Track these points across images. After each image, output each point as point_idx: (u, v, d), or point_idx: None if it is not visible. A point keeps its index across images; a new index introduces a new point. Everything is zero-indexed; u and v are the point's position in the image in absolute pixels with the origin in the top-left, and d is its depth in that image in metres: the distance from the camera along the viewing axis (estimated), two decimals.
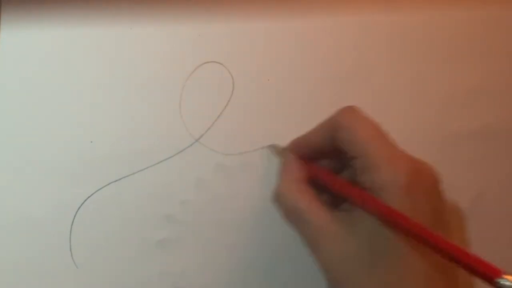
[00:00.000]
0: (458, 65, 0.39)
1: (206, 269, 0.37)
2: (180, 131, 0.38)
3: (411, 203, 0.27)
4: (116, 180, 0.37)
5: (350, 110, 0.31)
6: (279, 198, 0.31)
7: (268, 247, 0.38)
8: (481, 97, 0.39)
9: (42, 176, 0.36)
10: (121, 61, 0.38)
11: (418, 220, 0.26)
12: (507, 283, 0.22)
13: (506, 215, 0.39)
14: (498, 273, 0.22)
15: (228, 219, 0.38)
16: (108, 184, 0.37)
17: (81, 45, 0.37)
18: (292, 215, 0.30)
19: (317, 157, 0.32)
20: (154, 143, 0.37)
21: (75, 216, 0.36)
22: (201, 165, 0.37)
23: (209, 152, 0.38)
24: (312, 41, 0.39)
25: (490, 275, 0.23)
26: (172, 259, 0.37)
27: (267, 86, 0.38)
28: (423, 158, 0.38)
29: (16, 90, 0.37)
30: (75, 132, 0.37)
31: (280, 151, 0.34)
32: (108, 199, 0.37)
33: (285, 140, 0.38)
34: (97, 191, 0.37)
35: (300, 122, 0.38)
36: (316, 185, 0.31)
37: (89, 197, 0.37)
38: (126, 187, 0.37)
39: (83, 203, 0.36)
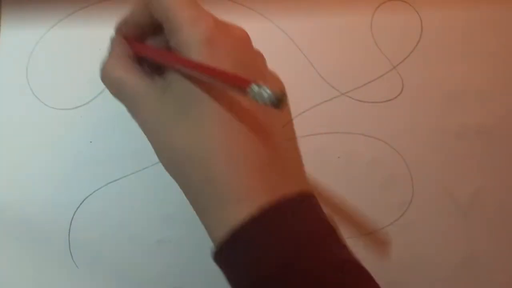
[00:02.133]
0: (458, 65, 0.40)
1: (205, 269, 0.37)
2: None
3: (211, 55, 0.29)
4: (115, 180, 0.37)
5: None
6: (103, 76, 0.32)
7: None
8: (480, 96, 0.39)
9: (42, 177, 0.36)
10: None
11: (222, 65, 0.28)
12: (255, 89, 0.24)
13: (504, 212, 0.39)
14: (248, 83, 0.25)
15: None
16: (107, 184, 0.37)
17: (80, 45, 0.38)
18: (115, 89, 0.32)
19: (147, 35, 0.33)
20: None
21: (73, 216, 0.36)
22: None
23: None
24: (312, 40, 0.39)
25: (242, 86, 0.25)
26: (172, 259, 0.37)
27: None
28: (422, 155, 0.39)
29: (17, 90, 0.37)
30: (74, 132, 0.37)
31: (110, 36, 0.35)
32: (107, 199, 0.37)
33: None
34: (96, 191, 0.37)
35: (299, 123, 0.38)
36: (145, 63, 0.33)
37: (88, 197, 0.37)
38: (125, 187, 0.37)
39: (82, 202, 0.36)
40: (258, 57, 0.34)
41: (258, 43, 0.39)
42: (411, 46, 0.39)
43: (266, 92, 0.24)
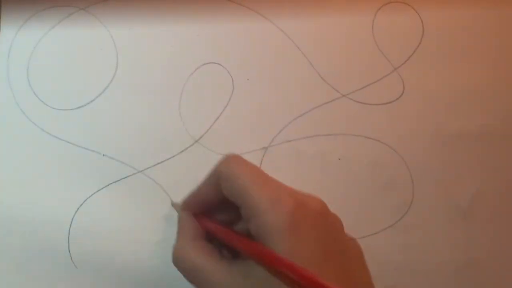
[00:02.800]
0: (459, 67, 0.40)
1: None
2: (180, 132, 0.38)
3: (296, 242, 0.27)
4: (116, 181, 0.37)
5: (229, 159, 0.30)
6: (177, 261, 0.30)
7: None
8: (480, 98, 0.39)
9: (42, 177, 0.36)
10: (121, 63, 0.38)
11: (306, 256, 0.26)
12: None
13: (505, 214, 0.39)
14: None
15: None
16: (108, 185, 0.37)
17: (81, 45, 0.38)
18: (191, 275, 0.30)
19: (214, 210, 0.32)
20: (154, 144, 0.37)
21: (73, 217, 0.36)
22: (201, 165, 0.37)
23: (209, 152, 0.38)
24: (313, 41, 0.39)
25: None
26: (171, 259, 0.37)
27: (266, 86, 0.39)
28: (423, 157, 0.39)
29: (17, 90, 0.37)
30: (75, 133, 0.37)
31: (177, 209, 0.34)
32: (107, 200, 0.37)
33: (282, 142, 0.38)
34: (96, 192, 0.37)
35: (299, 125, 0.38)
36: (216, 240, 0.31)
37: (88, 198, 0.37)
38: (125, 188, 0.37)
39: (82, 204, 0.36)
40: (336, 224, 0.31)
41: (259, 44, 0.39)
42: (412, 48, 0.39)
43: None
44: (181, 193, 0.37)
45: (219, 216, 0.32)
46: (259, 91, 0.39)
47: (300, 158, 0.38)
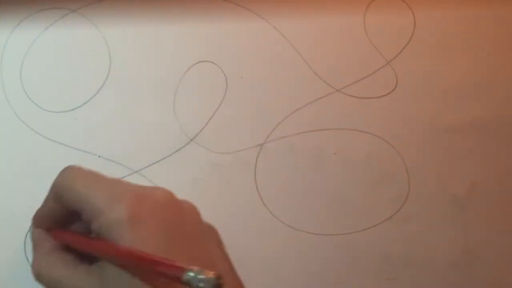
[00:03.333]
0: (451, 59, 0.40)
1: None
2: (175, 131, 0.38)
3: (138, 233, 0.27)
4: None
5: (64, 171, 0.31)
6: (37, 277, 0.31)
7: (263, 245, 0.38)
8: (473, 90, 0.40)
9: (37, 181, 0.36)
10: (114, 64, 0.38)
11: (150, 244, 0.27)
12: (191, 274, 0.23)
13: (501, 206, 0.39)
14: (182, 270, 0.23)
15: (223, 218, 0.38)
16: None
17: (74, 47, 0.38)
18: (53, 287, 0.30)
19: (70, 222, 0.32)
20: (149, 143, 0.37)
21: None
22: (196, 164, 0.38)
23: (204, 151, 0.38)
24: (305, 37, 0.39)
25: (176, 274, 0.24)
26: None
27: (260, 83, 0.39)
28: (418, 150, 0.39)
29: (10, 93, 0.37)
30: (69, 135, 0.37)
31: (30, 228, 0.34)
32: None
33: (278, 138, 0.38)
34: None
35: (294, 120, 0.38)
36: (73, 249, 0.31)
37: None
38: None
39: None
40: (187, 212, 0.31)
41: (252, 42, 0.39)
42: (405, 41, 0.39)
43: (203, 280, 0.23)
44: (178, 192, 0.37)
45: (76, 226, 0.32)
46: (253, 88, 0.39)
47: (295, 154, 0.38)
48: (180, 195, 0.37)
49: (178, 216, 0.30)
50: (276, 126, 0.38)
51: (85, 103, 0.37)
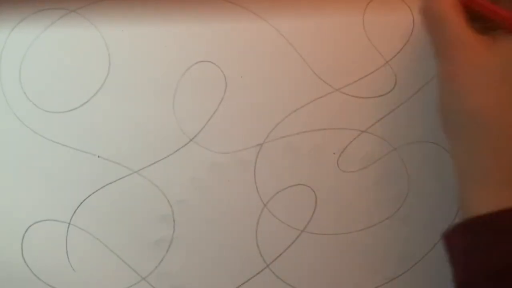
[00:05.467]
0: None
1: (202, 268, 0.37)
2: (175, 131, 0.38)
3: None
4: (111, 182, 0.37)
5: None
6: (427, 4, 0.30)
7: (264, 244, 0.38)
8: None
9: (36, 181, 0.36)
10: (113, 64, 0.38)
11: None
12: None
13: None
14: None
15: (224, 218, 0.38)
16: (104, 187, 0.37)
17: (73, 47, 0.38)
18: (435, 21, 0.29)
19: None
20: (149, 144, 0.37)
21: (71, 218, 0.36)
22: (196, 164, 0.38)
23: (203, 151, 0.38)
24: (304, 36, 0.39)
25: None
26: (169, 258, 0.37)
27: (260, 83, 0.39)
28: (417, 149, 0.39)
29: (10, 93, 0.37)
30: (69, 135, 0.37)
31: None
32: (103, 201, 0.37)
33: (277, 138, 0.38)
34: (93, 193, 0.37)
35: (293, 120, 0.38)
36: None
37: (85, 199, 0.37)
38: (121, 189, 0.37)
39: (79, 206, 0.36)
40: None
41: (251, 42, 0.39)
42: (403, 40, 0.39)
43: None
44: (178, 193, 0.37)
45: None
46: (253, 88, 0.39)
47: (295, 153, 0.38)
48: (180, 195, 0.37)
49: None
50: (275, 125, 0.38)
51: (84, 103, 0.37)
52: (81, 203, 0.37)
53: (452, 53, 0.29)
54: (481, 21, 0.30)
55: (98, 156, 0.37)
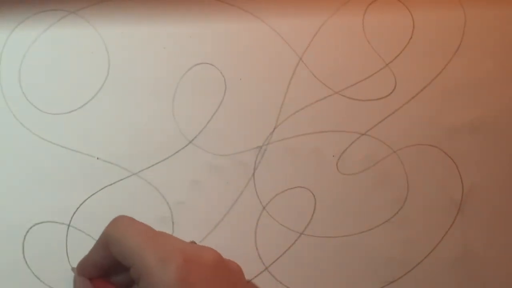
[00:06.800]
0: (450, 61, 0.40)
1: None
2: (174, 133, 0.38)
3: None
4: (111, 184, 0.37)
5: (117, 221, 0.31)
6: None
7: (263, 246, 0.38)
8: (473, 91, 0.40)
9: (35, 183, 0.36)
10: (112, 66, 0.38)
11: None
12: None
13: (500, 208, 0.39)
14: None
15: (222, 219, 0.38)
16: (103, 188, 0.37)
17: (71, 51, 0.38)
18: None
19: (112, 273, 0.32)
20: (148, 146, 0.37)
21: (71, 220, 0.36)
22: (195, 166, 0.38)
23: (203, 153, 0.38)
24: (304, 39, 0.39)
25: None
26: None
27: (259, 85, 0.39)
28: (417, 152, 0.39)
29: (9, 95, 0.37)
30: (68, 137, 0.37)
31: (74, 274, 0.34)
32: (103, 203, 0.37)
33: (276, 140, 0.38)
34: (92, 195, 0.37)
35: (293, 123, 0.38)
36: None
37: (84, 201, 0.37)
38: (120, 191, 0.37)
39: (78, 207, 0.37)
40: (233, 272, 0.32)
41: (251, 44, 0.39)
42: (403, 43, 0.39)
43: None
44: (176, 194, 0.37)
45: (117, 278, 0.32)
46: (252, 90, 0.39)
47: (294, 156, 0.38)
48: (179, 197, 0.37)
49: (226, 279, 0.30)
50: (275, 128, 0.38)
51: (84, 105, 0.37)
52: (81, 204, 0.37)
53: None
54: None
55: (98, 158, 0.37)
